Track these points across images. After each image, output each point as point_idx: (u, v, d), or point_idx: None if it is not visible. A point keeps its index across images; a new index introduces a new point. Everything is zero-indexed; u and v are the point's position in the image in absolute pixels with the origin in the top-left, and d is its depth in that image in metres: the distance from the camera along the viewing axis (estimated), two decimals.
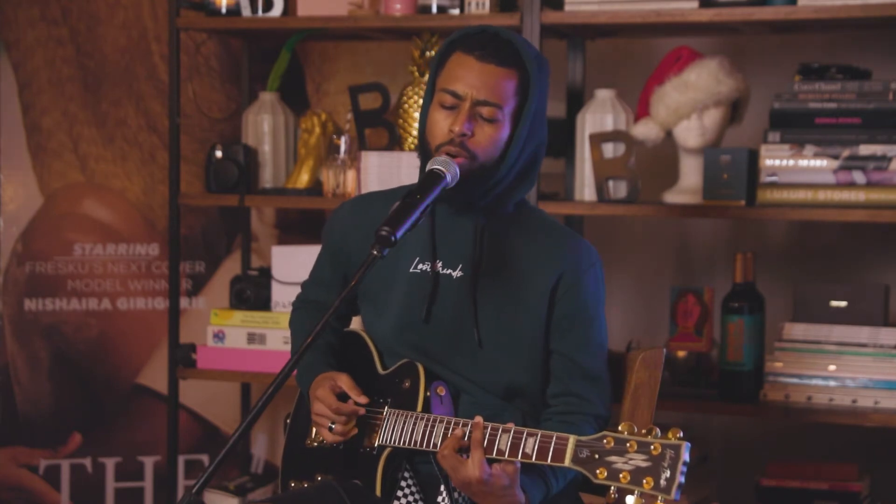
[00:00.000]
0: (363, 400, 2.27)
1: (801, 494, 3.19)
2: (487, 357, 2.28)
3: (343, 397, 2.29)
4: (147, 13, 3.94)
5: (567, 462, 1.98)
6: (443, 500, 2.22)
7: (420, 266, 2.32)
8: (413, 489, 2.26)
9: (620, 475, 1.91)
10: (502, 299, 2.28)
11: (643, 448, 1.90)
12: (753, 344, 3.18)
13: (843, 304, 3.17)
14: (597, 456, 1.95)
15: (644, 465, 1.89)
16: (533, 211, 2.38)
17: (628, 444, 1.92)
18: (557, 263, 2.27)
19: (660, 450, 1.89)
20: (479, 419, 2.11)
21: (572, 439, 1.99)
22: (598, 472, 1.93)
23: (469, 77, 2.22)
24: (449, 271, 2.30)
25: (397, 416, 2.25)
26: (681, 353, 3.35)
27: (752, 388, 3.18)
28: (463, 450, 2.11)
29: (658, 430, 1.91)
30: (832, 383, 3.10)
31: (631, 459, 1.91)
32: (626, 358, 2.38)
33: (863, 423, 3.05)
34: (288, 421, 2.49)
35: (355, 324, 2.60)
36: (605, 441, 1.94)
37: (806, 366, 3.13)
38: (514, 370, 2.29)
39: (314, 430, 2.41)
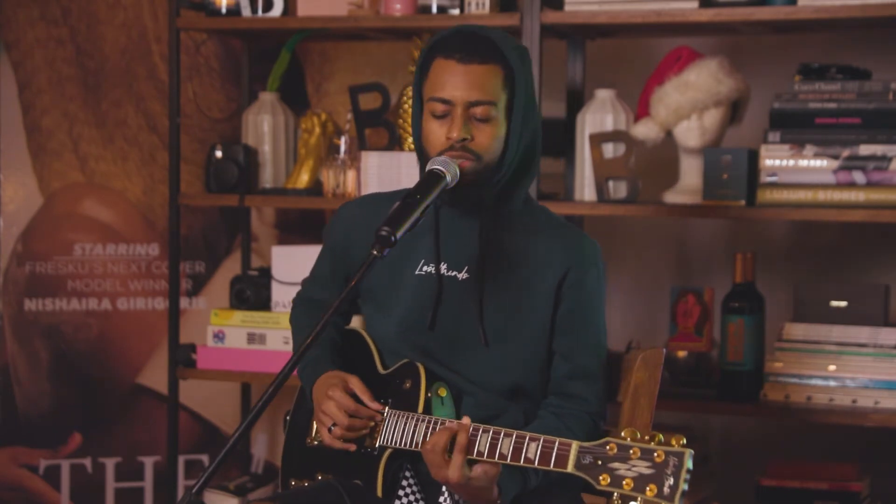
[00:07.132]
0: (375, 406, 2.27)
1: (801, 494, 3.18)
2: (493, 357, 2.28)
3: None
4: (147, 13, 3.94)
5: (570, 468, 1.98)
6: (444, 501, 2.22)
7: (425, 268, 2.32)
8: (414, 489, 2.26)
9: (624, 482, 1.90)
10: (509, 299, 2.28)
11: (646, 455, 1.90)
12: (753, 344, 3.18)
13: (843, 304, 3.17)
14: (600, 462, 1.94)
15: (647, 472, 1.89)
16: (538, 209, 2.39)
17: (631, 451, 1.91)
18: (564, 259, 2.28)
19: (663, 457, 1.89)
20: (467, 421, 2.11)
21: (575, 445, 1.99)
22: (601, 478, 1.93)
23: (455, 81, 2.21)
24: (454, 273, 2.31)
25: (398, 418, 2.25)
26: (681, 353, 3.35)
27: (752, 388, 3.18)
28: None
29: (661, 436, 1.91)
30: (832, 383, 3.10)
31: (634, 466, 1.90)
32: (626, 358, 2.38)
33: (863, 423, 3.05)
34: (288, 418, 2.48)
35: (354, 322, 2.60)
36: (608, 447, 1.94)
37: (806, 366, 3.13)
38: (520, 370, 2.29)
39: (314, 428, 2.40)
